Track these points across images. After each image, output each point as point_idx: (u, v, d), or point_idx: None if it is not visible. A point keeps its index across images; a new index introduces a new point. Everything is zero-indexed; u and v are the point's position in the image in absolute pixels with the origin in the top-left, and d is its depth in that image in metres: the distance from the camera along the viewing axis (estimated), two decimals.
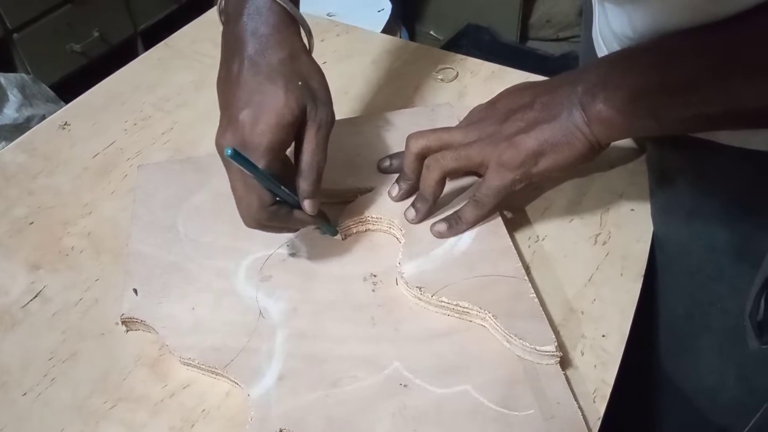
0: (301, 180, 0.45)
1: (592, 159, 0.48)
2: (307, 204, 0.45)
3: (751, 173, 0.49)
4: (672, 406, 0.63)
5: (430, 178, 0.50)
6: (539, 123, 0.48)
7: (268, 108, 0.42)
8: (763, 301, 0.53)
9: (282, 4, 0.45)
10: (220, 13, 0.48)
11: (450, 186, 0.54)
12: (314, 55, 0.49)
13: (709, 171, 0.52)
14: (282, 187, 0.44)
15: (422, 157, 0.51)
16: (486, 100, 0.54)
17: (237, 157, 0.40)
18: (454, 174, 0.51)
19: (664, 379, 0.62)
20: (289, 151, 0.46)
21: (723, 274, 0.54)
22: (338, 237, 0.52)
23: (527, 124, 0.48)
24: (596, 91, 0.46)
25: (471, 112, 0.54)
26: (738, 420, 0.58)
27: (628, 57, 0.46)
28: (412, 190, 0.53)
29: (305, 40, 0.47)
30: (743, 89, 0.40)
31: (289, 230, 0.49)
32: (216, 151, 0.44)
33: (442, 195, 0.52)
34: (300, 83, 0.44)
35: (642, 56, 0.45)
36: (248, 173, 0.42)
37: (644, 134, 0.51)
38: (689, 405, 0.61)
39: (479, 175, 0.52)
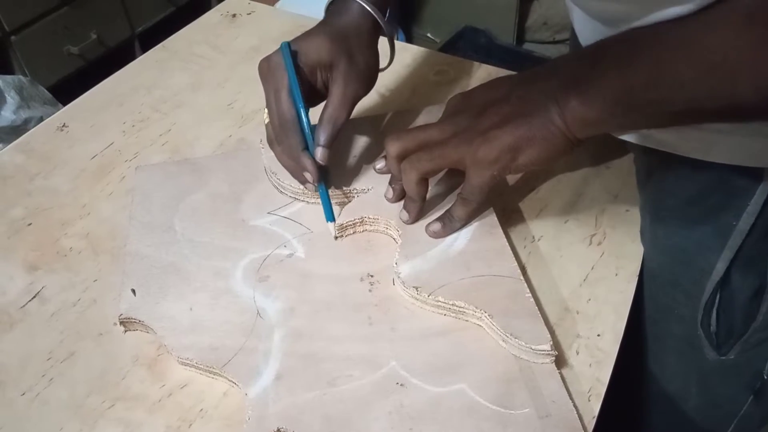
0: (319, 130, 0.51)
1: (570, 153, 0.46)
2: (318, 151, 0.51)
3: (706, 182, 0.49)
4: (656, 406, 0.63)
5: (408, 181, 0.50)
6: (514, 117, 0.46)
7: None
8: (714, 312, 0.53)
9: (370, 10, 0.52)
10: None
11: (443, 184, 0.54)
12: None
13: (670, 177, 0.52)
14: (303, 109, 0.50)
15: (403, 159, 0.50)
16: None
17: (286, 49, 0.51)
18: (433, 174, 0.50)
19: (648, 379, 0.61)
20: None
21: (678, 280, 0.54)
22: (334, 233, 0.53)
23: (502, 119, 0.46)
24: (569, 85, 0.44)
25: (448, 103, 0.53)
26: (717, 428, 0.58)
27: (599, 50, 0.44)
28: (405, 190, 0.53)
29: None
30: (697, 89, 0.38)
31: (294, 171, 0.53)
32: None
33: (435, 194, 0.52)
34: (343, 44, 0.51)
35: (612, 50, 0.43)
36: (285, 69, 0.50)
37: (621, 130, 0.49)
38: (674, 407, 0.60)
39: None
